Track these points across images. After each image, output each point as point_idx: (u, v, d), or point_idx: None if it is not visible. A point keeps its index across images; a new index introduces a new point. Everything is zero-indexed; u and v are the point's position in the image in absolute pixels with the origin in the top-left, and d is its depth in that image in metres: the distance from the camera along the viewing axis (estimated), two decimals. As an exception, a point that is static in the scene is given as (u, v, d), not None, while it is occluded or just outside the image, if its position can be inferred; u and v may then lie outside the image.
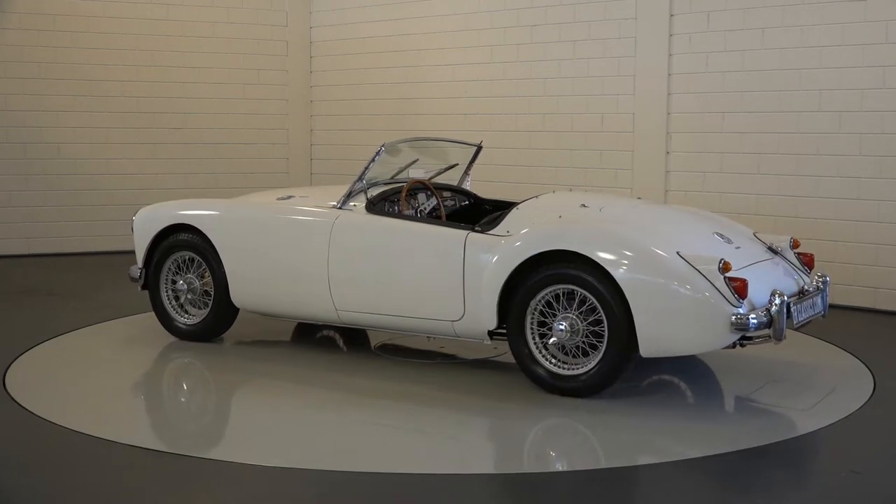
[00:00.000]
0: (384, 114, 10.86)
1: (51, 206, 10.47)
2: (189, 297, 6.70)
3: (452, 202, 6.71)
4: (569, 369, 5.38)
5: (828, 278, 5.85)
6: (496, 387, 5.64)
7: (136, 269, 6.77)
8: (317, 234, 6.14)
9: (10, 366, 5.99)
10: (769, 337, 5.14)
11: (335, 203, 6.22)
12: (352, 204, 6.16)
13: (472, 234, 5.70)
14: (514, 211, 5.77)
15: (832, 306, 7.93)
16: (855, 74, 7.90)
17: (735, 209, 8.49)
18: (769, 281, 5.38)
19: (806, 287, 5.69)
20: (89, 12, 10.53)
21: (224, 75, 11.15)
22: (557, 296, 5.37)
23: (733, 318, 5.02)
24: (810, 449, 4.79)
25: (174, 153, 10.98)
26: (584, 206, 5.74)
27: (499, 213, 5.95)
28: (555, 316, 5.37)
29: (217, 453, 4.61)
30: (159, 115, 10.89)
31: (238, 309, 6.59)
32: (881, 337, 7.17)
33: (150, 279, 6.74)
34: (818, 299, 5.74)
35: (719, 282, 5.07)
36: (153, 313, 6.87)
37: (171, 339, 6.77)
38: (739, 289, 5.08)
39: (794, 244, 5.98)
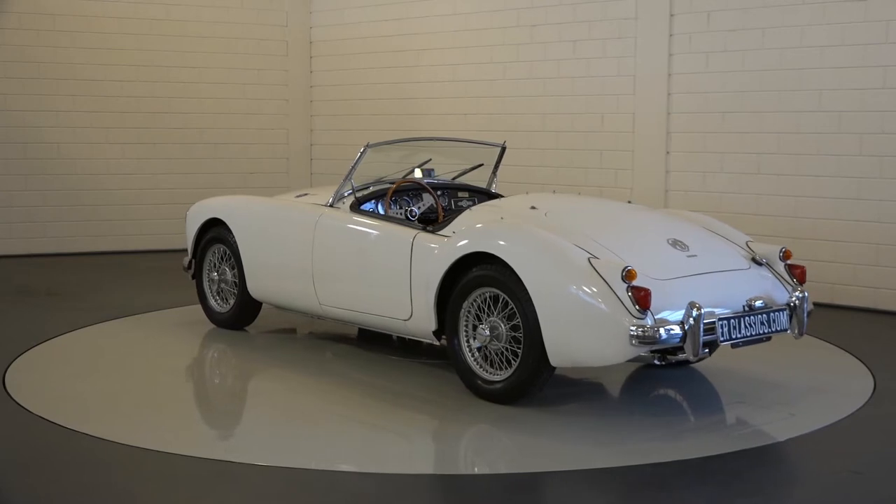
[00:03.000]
0: (384, 114, 10.86)
1: (51, 206, 10.47)
2: (222, 286, 7.02)
3: (471, 202, 6.64)
4: (492, 374, 5.31)
5: (806, 295, 5.34)
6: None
7: (187, 260, 7.20)
8: (304, 230, 6.38)
9: (10, 366, 5.99)
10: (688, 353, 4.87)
11: (327, 201, 6.42)
12: (341, 202, 6.32)
13: (421, 234, 5.73)
14: (466, 212, 5.78)
15: (833, 306, 7.99)
16: (855, 74, 7.90)
17: (735, 209, 8.50)
18: (711, 294, 5.06)
19: (758, 303, 5.17)
20: (89, 12, 10.53)
21: (224, 75, 11.14)
22: (488, 299, 5.30)
23: (633, 329, 4.75)
24: (810, 449, 4.79)
25: (174, 153, 10.98)
26: (533, 208, 5.63)
27: (455, 212, 5.97)
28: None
29: (217, 453, 4.61)
30: (159, 115, 10.89)
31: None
32: (881, 337, 7.17)
33: (196, 269, 7.16)
34: (780, 316, 5.24)
35: (622, 291, 4.83)
36: (152, 314, 7.05)
37: (171, 339, 6.81)
38: (641, 299, 4.78)
39: (786, 255, 5.60)
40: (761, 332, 5.17)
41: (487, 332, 5.27)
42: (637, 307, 4.79)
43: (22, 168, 10.35)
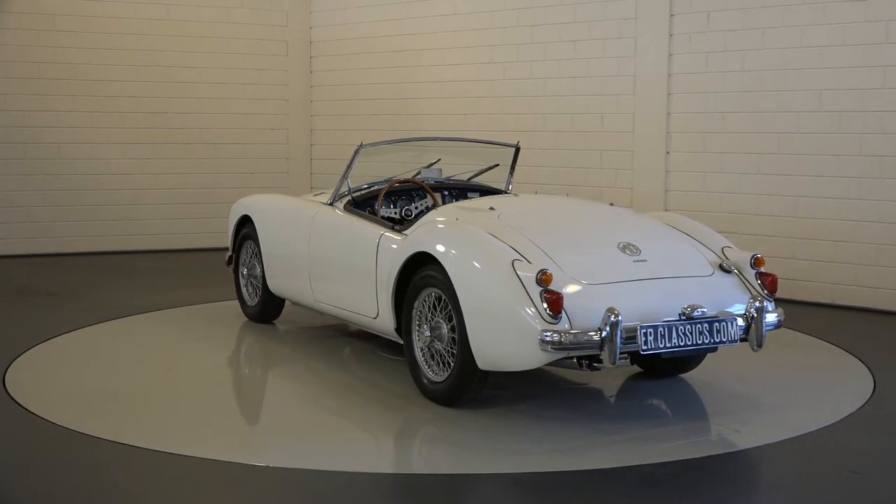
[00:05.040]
0: (384, 114, 10.86)
1: (51, 206, 10.47)
2: (251, 281, 7.26)
3: None
4: (436, 374, 5.29)
5: (765, 305, 5.09)
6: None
7: (227, 255, 7.46)
8: (303, 227, 6.55)
9: (10, 366, 5.99)
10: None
11: (328, 200, 6.56)
12: (340, 201, 6.43)
13: (386, 234, 5.77)
14: (432, 212, 5.80)
15: (833, 306, 8.00)
16: (855, 74, 7.90)
17: (735, 209, 8.50)
18: (642, 300, 4.89)
19: (699, 311, 4.91)
20: (89, 12, 10.53)
21: (224, 75, 11.14)
22: (433, 300, 5.29)
23: (547, 335, 4.63)
24: (810, 449, 4.79)
25: (174, 153, 10.97)
26: (491, 208, 5.58)
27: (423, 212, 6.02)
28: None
29: (217, 453, 4.61)
30: (159, 115, 10.88)
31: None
32: (881, 337, 7.17)
33: (235, 264, 7.39)
34: (728, 326, 4.97)
35: (536, 294, 4.72)
36: (152, 314, 7.17)
37: (171, 339, 6.82)
38: (552, 303, 4.67)
39: (757, 263, 5.32)
40: (701, 342, 4.91)
41: (428, 333, 5.28)
42: (549, 311, 4.69)
43: (22, 168, 10.35)
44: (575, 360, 4.82)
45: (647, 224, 5.73)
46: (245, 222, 7.24)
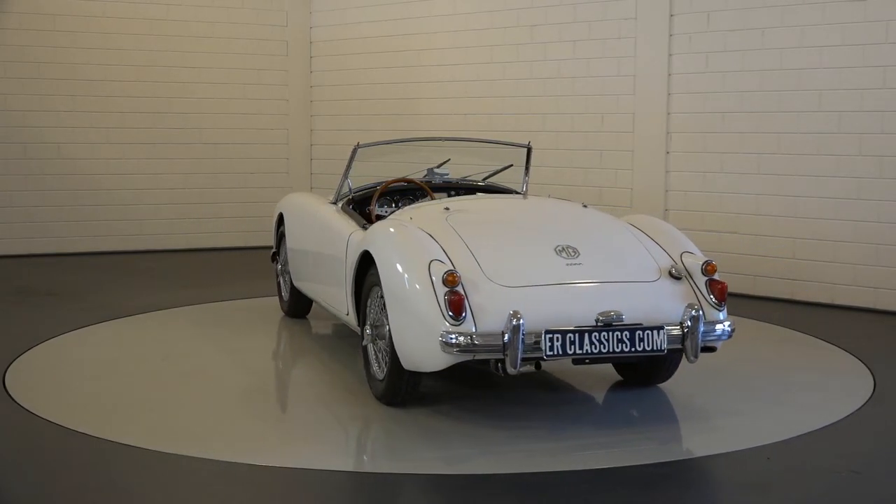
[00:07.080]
0: (384, 114, 10.86)
1: (50, 207, 10.46)
2: (285, 277, 7.38)
3: None
4: (380, 373, 5.27)
5: (700, 314, 4.88)
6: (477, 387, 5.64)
7: (272, 252, 7.65)
8: (308, 225, 6.77)
9: (10, 366, 5.99)
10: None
11: (331, 199, 6.69)
12: (341, 200, 6.53)
13: (356, 233, 5.81)
14: (398, 211, 5.85)
15: (833, 306, 7.99)
16: (855, 74, 7.90)
17: (735, 209, 8.50)
18: (555, 304, 4.79)
19: (619, 318, 4.76)
20: (89, 12, 10.52)
21: (224, 75, 11.14)
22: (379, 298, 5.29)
23: (452, 337, 4.61)
24: (810, 449, 4.79)
25: (174, 153, 10.97)
26: (446, 208, 5.55)
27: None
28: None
29: (218, 453, 4.61)
30: (159, 115, 10.88)
31: None
32: (881, 337, 7.17)
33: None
34: (654, 335, 4.76)
35: (441, 295, 4.69)
36: (152, 314, 7.30)
37: (171, 339, 6.84)
38: (453, 305, 4.65)
39: (708, 270, 5.09)
40: (620, 350, 4.74)
41: (370, 331, 5.31)
42: (451, 313, 4.66)
43: (22, 168, 10.34)
44: (490, 363, 4.78)
45: (604, 226, 5.55)
46: (282, 220, 7.42)
